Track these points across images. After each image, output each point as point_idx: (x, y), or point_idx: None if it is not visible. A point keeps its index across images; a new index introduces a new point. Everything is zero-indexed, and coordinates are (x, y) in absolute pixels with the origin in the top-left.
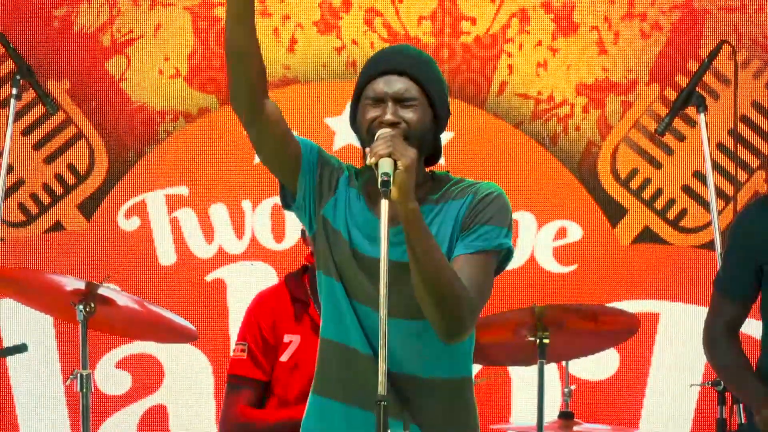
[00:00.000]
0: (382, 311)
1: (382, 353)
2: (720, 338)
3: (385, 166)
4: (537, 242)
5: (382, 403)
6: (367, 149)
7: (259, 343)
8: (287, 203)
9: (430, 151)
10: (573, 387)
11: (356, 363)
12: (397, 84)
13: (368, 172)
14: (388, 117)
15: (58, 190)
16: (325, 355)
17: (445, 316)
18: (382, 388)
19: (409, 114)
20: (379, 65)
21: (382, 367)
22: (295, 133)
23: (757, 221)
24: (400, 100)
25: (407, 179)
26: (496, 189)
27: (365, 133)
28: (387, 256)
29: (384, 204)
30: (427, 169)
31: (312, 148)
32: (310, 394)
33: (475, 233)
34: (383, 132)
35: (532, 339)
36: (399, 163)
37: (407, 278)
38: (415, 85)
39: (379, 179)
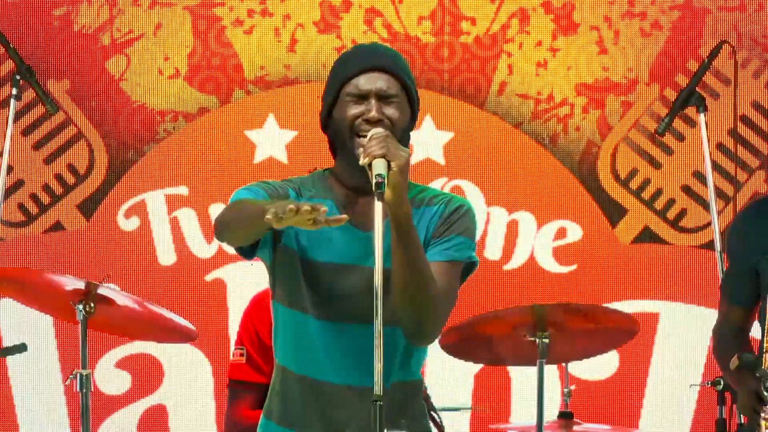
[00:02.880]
0: (378, 308)
1: (377, 353)
2: (725, 339)
3: (379, 167)
4: (537, 242)
5: (378, 403)
6: (360, 150)
7: (257, 346)
8: (247, 254)
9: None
10: (573, 387)
11: (324, 395)
12: (379, 81)
13: (317, 181)
14: (373, 114)
15: (58, 190)
16: (287, 387)
17: (421, 318)
18: (378, 388)
19: (391, 111)
20: (360, 62)
21: (378, 367)
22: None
23: (747, 225)
24: (383, 97)
25: (401, 180)
26: (467, 203)
27: (347, 130)
28: (381, 256)
29: (378, 206)
30: None
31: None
32: (262, 416)
33: (450, 242)
34: (376, 132)
35: (532, 339)
36: (393, 164)
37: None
38: (395, 82)
39: (373, 180)
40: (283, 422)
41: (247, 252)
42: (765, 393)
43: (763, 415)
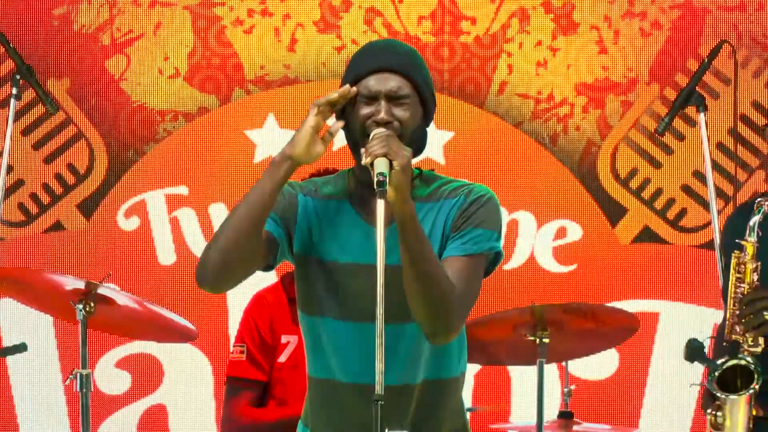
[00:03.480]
0: (379, 310)
1: (379, 353)
2: (719, 339)
3: (381, 165)
4: (537, 242)
5: (379, 402)
6: (362, 149)
7: (257, 343)
8: (267, 268)
9: (417, 145)
10: (573, 387)
11: (341, 397)
12: (389, 82)
13: (339, 180)
14: (382, 116)
15: (58, 189)
16: (313, 393)
17: (433, 317)
18: (379, 388)
19: (401, 112)
20: (371, 62)
21: (379, 366)
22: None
23: (742, 223)
24: (393, 98)
25: (403, 179)
26: (488, 192)
27: (358, 130)
28: (384, 256)
29: (380, 204)
30: (413, 166)
31: (276, 223)
32: (300, 424)
33: (467, 236)
34: (378, 132)
35: (532, 338)
36: (395, 163)
37: (395, 282)
38: (407, 82)
39: (375, 179)
40: (309, 425)
41: (267, 266)
42: (711, 385)
43: (709, 410)
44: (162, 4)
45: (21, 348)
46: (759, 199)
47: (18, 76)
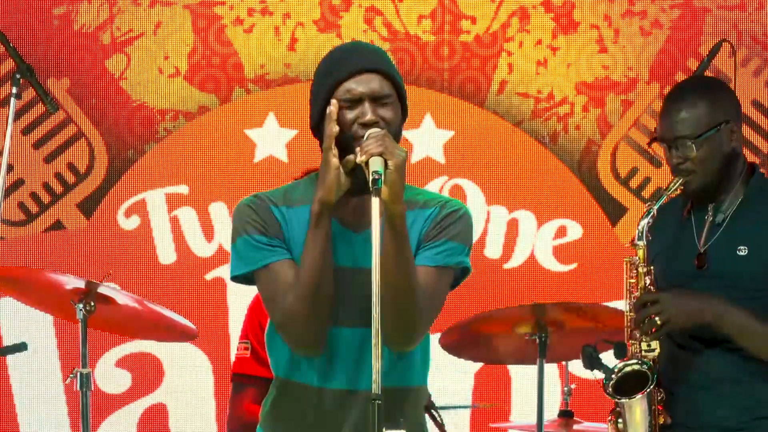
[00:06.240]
0: (376, 309)
1: (375, 351)
2: None
3: (376, 164)
4: (537, 241)
5: (377, 402)
6: (358, 148)
7: (262, 340)
8: None
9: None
10: (573, 386)
11: (324, 402)
12: (372, 83)
13: (310, 184)
14: (369, 117)
15: (58, 188)
16: (280, 395)
17: (402, 324)
18: (376, 387)
19: (386, 112)
20: (349, 65)
21: (376, 366)
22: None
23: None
24: (377, 99)
25: (398, 179)
26: (463, 207)
27: (346, 135)
28: (379, 255)
29: (375, 202)
30: None
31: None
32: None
33: (440, 247)
34: (374, 131)
35: (532, 338)
36: (390, 163)
37: (366, 287)
38: (387, 82)
39: (370, 177)
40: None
41: None
42: (607, 392)
43: (609, 418)
44: (162, 3)
45: (21, 347)
46: (648, 203)
47: (18, 76)
